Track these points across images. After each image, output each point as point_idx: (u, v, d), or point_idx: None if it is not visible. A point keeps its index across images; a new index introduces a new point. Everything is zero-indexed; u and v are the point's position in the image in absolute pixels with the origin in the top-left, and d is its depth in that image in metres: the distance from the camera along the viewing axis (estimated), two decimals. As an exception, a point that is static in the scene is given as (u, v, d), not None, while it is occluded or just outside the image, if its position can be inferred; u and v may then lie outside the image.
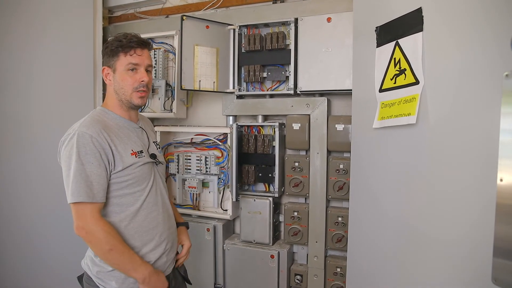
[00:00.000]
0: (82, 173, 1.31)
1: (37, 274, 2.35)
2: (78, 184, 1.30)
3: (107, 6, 2.60)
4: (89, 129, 1.34)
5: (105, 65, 1.48)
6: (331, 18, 1.97)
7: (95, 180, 1.32)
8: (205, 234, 2.29)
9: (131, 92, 1.45)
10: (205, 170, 2.39)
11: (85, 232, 1.32)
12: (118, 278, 1.41)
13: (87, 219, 1.31)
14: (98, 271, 1.42)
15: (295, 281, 2.18)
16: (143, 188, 1.45)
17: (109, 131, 1.39)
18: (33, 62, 2.27)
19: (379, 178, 1.41)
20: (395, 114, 1.26)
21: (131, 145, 1.45)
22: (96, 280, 1.43)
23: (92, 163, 1.32)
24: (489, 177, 0.93)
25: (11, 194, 2.34)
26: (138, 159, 1.44)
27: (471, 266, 1.00)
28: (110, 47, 1.44)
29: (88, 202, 1.31)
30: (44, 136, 2.30)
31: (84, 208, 1.31)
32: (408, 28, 1.22)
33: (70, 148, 1.33)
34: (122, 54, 1.43)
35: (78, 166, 1.30)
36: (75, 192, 1.30)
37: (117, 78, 1.45)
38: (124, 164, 1.39)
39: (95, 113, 1.46)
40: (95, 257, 1.43)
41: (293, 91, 2.07)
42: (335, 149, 2.05)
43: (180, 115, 2.39)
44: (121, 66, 1.44)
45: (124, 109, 1.50)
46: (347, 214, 1.82)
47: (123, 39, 1.43)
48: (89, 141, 1.32)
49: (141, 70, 1.46)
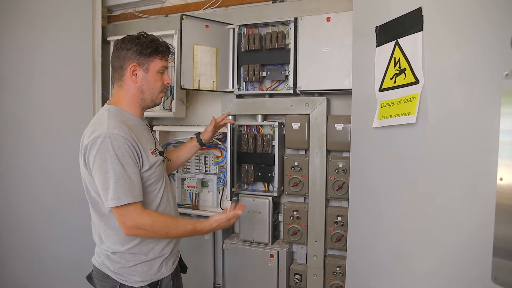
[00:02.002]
0: (124, 175, 1.32)
1: (37, 274, 2.34)
2: (122, 186, 1.32)
3: (106, 5, 2.60)
4: (120, 130, 1.34)
5: (135, 62, 1.47)
6: (331, 17, 1.97)
7: (135, 180, 1.36)
8: (205, 234, 2.28)
9: (158, 93, 1.53)
10: (204, 170, 2.39)
11: (137, 229, 1.37)
12: (140, 272, 1.46)
13: (134, 218, 1.35)
14: (119, 267, 1.45)
15: (295, 281, 2.18)
16: (160, 185, 1.52)
17: (132, 130, 1.40)
18: (32, 62, 2.26)
19: (378, 177, 1.42)
20: (395, 114, 1.26)
21: (149, 144, 1.48)
22: (115, 276, 1.46)
23: (130, 164, 1.35)
24: (489, 176, 0.93)
25: (11, 194, 2.33)
26: (156, 157, 1.48)
27: (471, 265, 1.01)
28: (147, 48, 1.46)
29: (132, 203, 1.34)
30: (43, 136, 2.29)
31: (129, 209, 1.35)
32: (408, 28, 1.22)
33: (103, 151, 1.31)
34: (159, 57, 1.50)
35: (119, 169, 1.31)
36: (121, 195, 1.32)
37: (149, 78, 1.49)
38: (150, 163, 1.44)
39: (115, 112, 1.43)
40: (113, 254, 1.46)
41: (293, 90, 2.07)
42: (335, 148, 2.05)
43: (180, 114, 2.39)
44: (155, 68, 1.49)
45: (139, 108, 1.53)
46: (346, 214, 1.82)
47: (160, 43, 1.50)
48: (123, 142, 1.33)
49: (166, 73, 1.56)
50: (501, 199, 0.91)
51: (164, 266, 1.52)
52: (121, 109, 1.47)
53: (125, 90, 1.49)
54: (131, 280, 1.45)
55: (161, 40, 1.54)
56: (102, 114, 1.42)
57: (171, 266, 1.56)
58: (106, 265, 1.47)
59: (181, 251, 1.74)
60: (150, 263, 1.48)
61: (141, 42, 1.47)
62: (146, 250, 1.47)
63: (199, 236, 2.27)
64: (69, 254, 2.33)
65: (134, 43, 1.47)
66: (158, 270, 1.49)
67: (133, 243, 1.44)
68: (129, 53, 1.46)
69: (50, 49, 2.27)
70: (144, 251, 1.47)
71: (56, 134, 2.31)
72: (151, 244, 1.48)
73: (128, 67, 1.46)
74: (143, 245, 1.46)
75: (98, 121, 1.39)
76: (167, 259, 1.54)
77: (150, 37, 1.51)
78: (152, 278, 1.48)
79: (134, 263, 1.45)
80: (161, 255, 1.50)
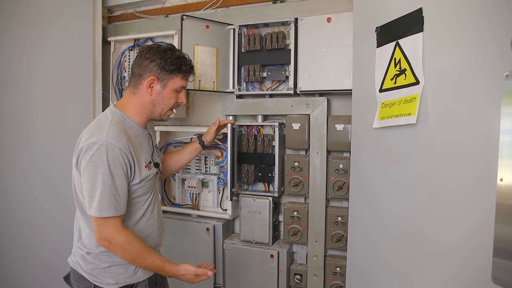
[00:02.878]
0: (112, 187, 1.30)
1: (36, 274, 2.34)
2: (107, 198, 1.30)
3: (106, 6, 2.60)
4: (118, 141, 1.31)
5: (155, 76, 1.42)
6: (331, 18, 1.97)
7: (122, 193, 1.34)
8: (205, 234, 2.29)
9: (168, 109, 1.49)
10: (205, 170, 2.39)
11: (108, 243, 1.33)
12: (114, 274, 1.42)
13: (110, 231, 1.33)
14: (92, 268, 1.42)
15: (295, 281, 2.18)
16: (147, 198, 1.48)
17: (131, 142, 1.37)
18: (33, 62, 2.27)
19: (379, 178, 1.42)
20: (395, 114, 1.26)
21: (144, 156, 1.45)
22: (89, 277, 1.43)
23: (120, 176, 1.32)
24: (489, 177, 0.94)
25: (10, 194, 2.33)
26: (150, 171, 1.45)
27: (471, 265, 1.01)
28: (171, 65, 1.42)
29: (113, 216, 1.32)
30: (43, 136, 2.30)
31: (108, 221, 1.32)
32: (409, 29, 1.22)
33: (97, 159, 1.29)
34: (180, 76, 1.46)
35: (108, 180, 1.29)
36: (104, 207, 1.30)
37: (165, 94, 1.45)
38: (141, 177, 1.41)
39: (117, 119, 1.40)
40: (88, 254, 1.43)
41: (293, 91, 2.07)
42: (335, 149, 2.05)
43: (180, 114, 2.39)
44: (174, 86, 1.45)
45: (144, 119, 1.48)
46: (346, 214, 1.83)
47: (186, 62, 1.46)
48: (119, 154, 1.31)
49: (184, 92, 1.51)
50: (501, 199, 0.91)
51: (140, 270, 1.45)
52: (126, 116, 1.44)
53: (137, 98, 1.45)
54: (104, 281, 1.41)
55: (187, 58, 1.49)
56: (106, 117, 1.40)
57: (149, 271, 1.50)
58: (81, 265, 1.44)
59: (181, 251, 1.74)
60: (126, 266, 1.43)
61: (166, 56, 1.42)
62: None
63: (199, 236, 2.29)
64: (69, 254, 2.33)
65: (159, 56, 1.41)
66: (133, 273, 1.44)
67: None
68: (151, 64, 1.42)
69: (50, 49, 2.27)
70: None
71: (56, 134, 2.31)
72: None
73: (147, 79, 1.42)
74: None
75: (99, 125, 1.36)
76: None
77: (177, 54, 1.45)
78: (126, 281, 1.43)
79: (108, 265, 1.41)
80: None
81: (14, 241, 2.34)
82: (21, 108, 2.28)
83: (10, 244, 2.35)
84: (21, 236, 2.34)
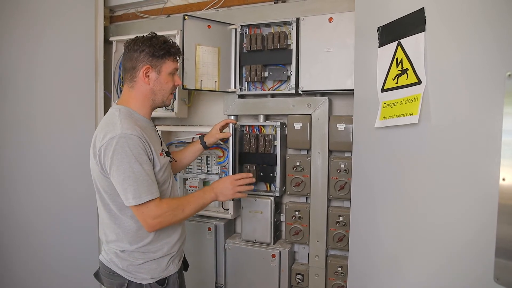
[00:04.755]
0: (143, 173, 1.34)
1: (38, 274, 2.35)
2: (142, 185, 1.34)
3: (108, 6, 2.60)
4: (133, 131, 1.36)
5: (148, 64, 1.48)
6: (333, 18, 1.97)
7: (152, 177, 1.39)
8: (206, 234, 2.29)
9: (168, 94, 1.54)
10: (206, 170, 2.40)
11: (158, 222, 1.40)
12: (149, 269, 1.48)
13: (154, 211, 1.38)
14: (128, 265, 1.47)
15: (296, 281, 2.18)
16: (167, 187, 1.54)
17: (144, 132, 1.42)
18: (34, 61, 2.27)
19: (380, 177, 1.42)
20: (397, 114, 1.26)
21: (157, 145, 1.49)
22: (124, 273, 1.47)
23: (146, 161, 1.37)
24: (492, 177, 0.93)
25: (12, 194, 2.33)
26: (165, 159, 1.50)
27: (473, 265, 1.01)
28: (160, 50, 1.47)
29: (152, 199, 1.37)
30: (45, 136, 2.30)
31: (149, 206, 1.37)
32: (410, 28, 1.22)
33: (120, 151, 1.32)
34: (171, 59, 1.51)
35: (137, 167, 1.33)
36: (142, 194, 1.34)
37: (162, 80, 1.50)
38: (161, 164, 1.46)
39: (126, 113, 1.44)
40: (122, 252, 1.47)
41: (295, 91, 2.07)
42: (337, 148, 2.05)
43: (182, 114, 2.39)
44: (167, 69, 1.50)
45: (148, 110, 1.54)
46: (348, 214, 1.82)
47: (172, 45, 1.51)
48: (138, 141, 1.35)
49: (177, 74, 1.57)
50: (504, 199, 0.91)
51: (172, 264, 1.54)
52: (132, 110, 1.48)
53: (137, 91, 1.50)
54: (139, 277, 1.47)
55: (171, 41, 1.54)
56: (113, 114, 1.43)
57: (177, 263, 1.59)
58: (115, 262, 1.48)
59: (184, 251, 1.75)
60: (159, 261, 1.50)
61: (153, 43, 1.47)
62: (155, 249, 1.49)
63: (200, 235, 2.29)
64: (71, 254, 2.33)
65: (147, 44, 1.47)
66: (166, 267, 1.52)
67: (142, 243, 1.46)
68: (141, 55, 1.47)
69: (52, 48, 2.27)
70: (153, 250, 1.49)
71: (58, 134, 2.32)
72: (160, 243, 1.50)
73: (141, 69, 1.47)
74: (152, 244, 1.48)
75: (110, 122, 1.39)
76: (174, 257, 1.56)
77: (162, 39, 1.51)
78: (160, 275, 1.50)
79: (143, 261, 1.47)
80: (169, 253, 1.53)
81: (16, 241, 2.35)
82: (23, 108, 2.28)
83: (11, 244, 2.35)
84: (23, 236, 2.34)
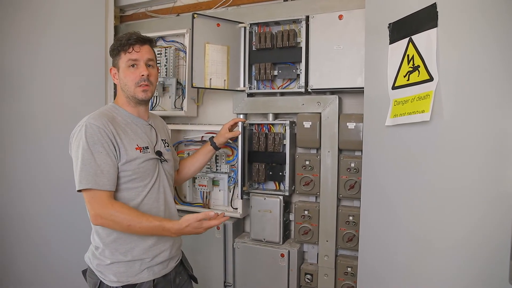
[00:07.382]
0: (91, 161, 1.36)
1: (40, 273, 2.36)
2: (86, 172, 1.36)
3: (118, 5, 2.62)
4: (96, 120, 1.41)
5: (112, 66, 1.58)
6: (343, 15, 1.95)
7: (105, 169, 1.38)
8: (215, 233, 2.29)
9: (134, 88, 1.52)
10: (215, 168, 2.40)
11: (100, 218, 1.37)
12: (115, 271, 1.45)
13: (97, 206, 1.36)
14: (97, 264, 1.47)
15: (305, 280, 2.16)
16: (146, 184, 1.50)
17: (115, 124, 1.46)
18: (45, 62, 2.29)
19: (391, 176, 1.40)
20: (409, 112, 1.24)
21: (137, 140, 1.50)
22: (97, 273, 1.47)
23: (100, 152, 1.38)
24: (506, 176, 0.91)
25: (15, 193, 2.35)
26: (142, 154, 1.48)
27: (488, 267, 0.98)
28: (112, 48, 1.55)
29: (97, 189, 1.36)
30: (55, 136, 2.30)
31: (94, 196, 1.36)
32: (422, 24, 1.19)
33: (79, 139, 1.39)
34: (123, 53, 1.53)
35: (87, 155, 1.36)
36: (83, 180, 1.35)
37: (121, 75, 1.54)
38: (128, 157, 1.44)
39: (105, 108, 1.55)
40: (96, 250, 1.48)
41: (304, 89, 2.05)
42: (346, 147, 2.03)
43: (191, 113, 2.40)
44: (123, 64, 1.53)
45: (132, 106, 1.57)
46: (358, 213, 1.80)
47: (123, 39, 1.52)
48: (97, 131, 1.38)
49: (141, 65, 1.53)
50: (519, 198, 0.88)
51: (146, 271, 1.47)
52: (118, 106, 1.57)
53: (118, 89, 1.60)
54: (108, 278, 1.45)
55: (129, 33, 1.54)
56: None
57: (157, 272, 1.51)
58: (91, 260, 1.50)
59: (192, 250, 1.74)
60: (128, 264, 1.45)
61: (112, 45, 1.57)
62: (124, 250, 1.45)
63: (209, 234, 2.28)
64: (73, 253, 2.33)
65: (110, 48, 1.58)
66: (136, 273, 1.46)
67: (109, 239, 1.44)
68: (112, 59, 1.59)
69: (63, 48, 2.29)
70: (122, 251, 1.45)
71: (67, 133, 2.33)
72: (129, 245, 1.45)
73: (110, 72, 1.59)
74: (120, 244, 1.45)
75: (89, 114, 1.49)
76: (152, 266, 1.49)
77: (118, 37, 1.58)
78: (128, 279, 1.44)
79: (110, 261, 1.44)
80: (140, 258, 1.46)
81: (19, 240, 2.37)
82: (34, 108, 2.31)
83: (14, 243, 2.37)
84: (25, 235, 2.36)
